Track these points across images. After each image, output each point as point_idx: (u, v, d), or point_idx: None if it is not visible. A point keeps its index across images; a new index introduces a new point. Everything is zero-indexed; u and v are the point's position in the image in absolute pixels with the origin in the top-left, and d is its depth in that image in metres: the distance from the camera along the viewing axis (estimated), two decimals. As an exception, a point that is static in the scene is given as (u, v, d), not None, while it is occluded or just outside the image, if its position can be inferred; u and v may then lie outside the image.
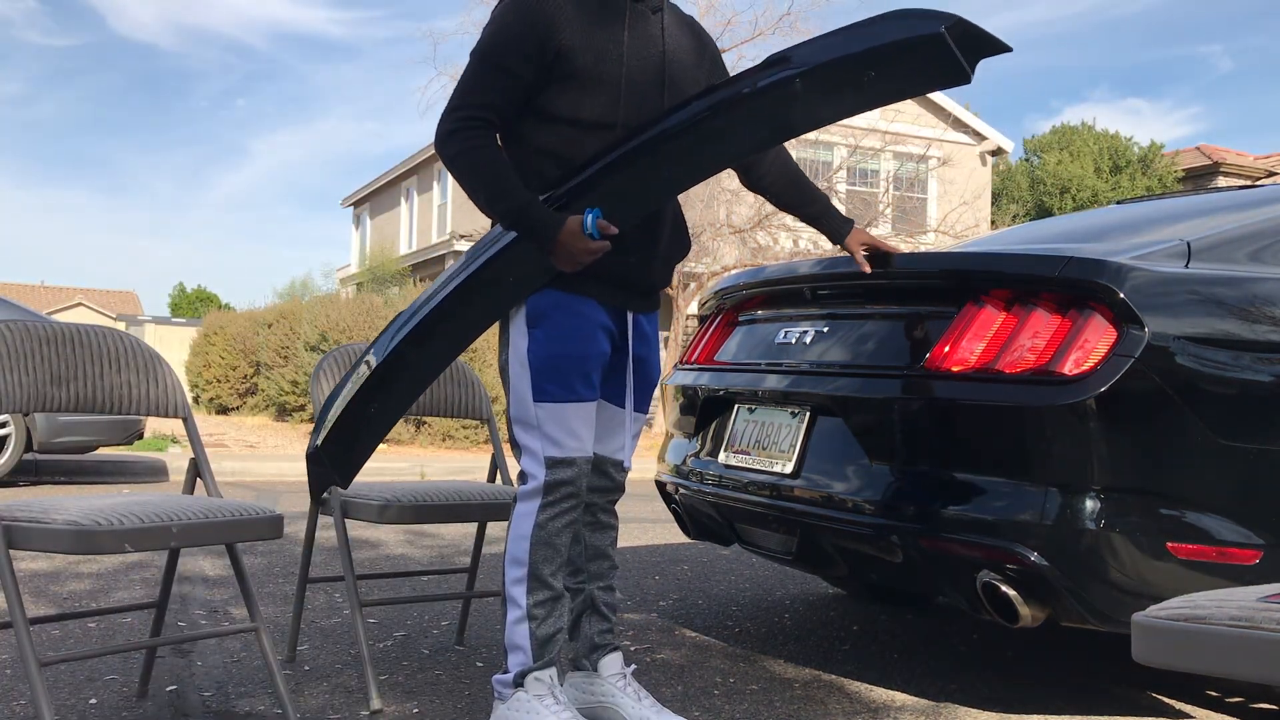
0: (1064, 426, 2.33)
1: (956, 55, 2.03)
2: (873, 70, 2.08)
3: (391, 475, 8.99)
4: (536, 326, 2.28)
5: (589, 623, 2.48)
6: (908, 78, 2.13)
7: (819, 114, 2.18)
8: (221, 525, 2.22)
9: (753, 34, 14.72)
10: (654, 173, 2.20)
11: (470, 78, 2.24)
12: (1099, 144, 27.60)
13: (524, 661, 2.29)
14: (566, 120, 2.26)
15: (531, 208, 2.16)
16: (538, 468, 2.29)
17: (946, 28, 2.02)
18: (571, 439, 2.29)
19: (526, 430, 2.30)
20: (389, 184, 26.50)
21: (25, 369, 2.40)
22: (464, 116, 2.21)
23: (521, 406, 2.30)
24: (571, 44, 2.22)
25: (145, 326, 23.70)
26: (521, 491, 2.32)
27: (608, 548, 2.49)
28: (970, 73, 2.05)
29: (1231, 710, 2.77)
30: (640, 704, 2.42)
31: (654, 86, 2.31)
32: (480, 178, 2.19)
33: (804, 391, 2.82)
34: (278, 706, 2.56)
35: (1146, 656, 1.54)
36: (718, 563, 4.87)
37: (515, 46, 2.21)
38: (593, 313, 2.30)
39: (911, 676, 3.00)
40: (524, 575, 2.29)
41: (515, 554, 2.30)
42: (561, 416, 2.28)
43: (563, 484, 2.29)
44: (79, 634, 3.22)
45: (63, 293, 47.26)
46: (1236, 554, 2.38)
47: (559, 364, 2.27)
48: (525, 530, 2.29)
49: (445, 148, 2.22)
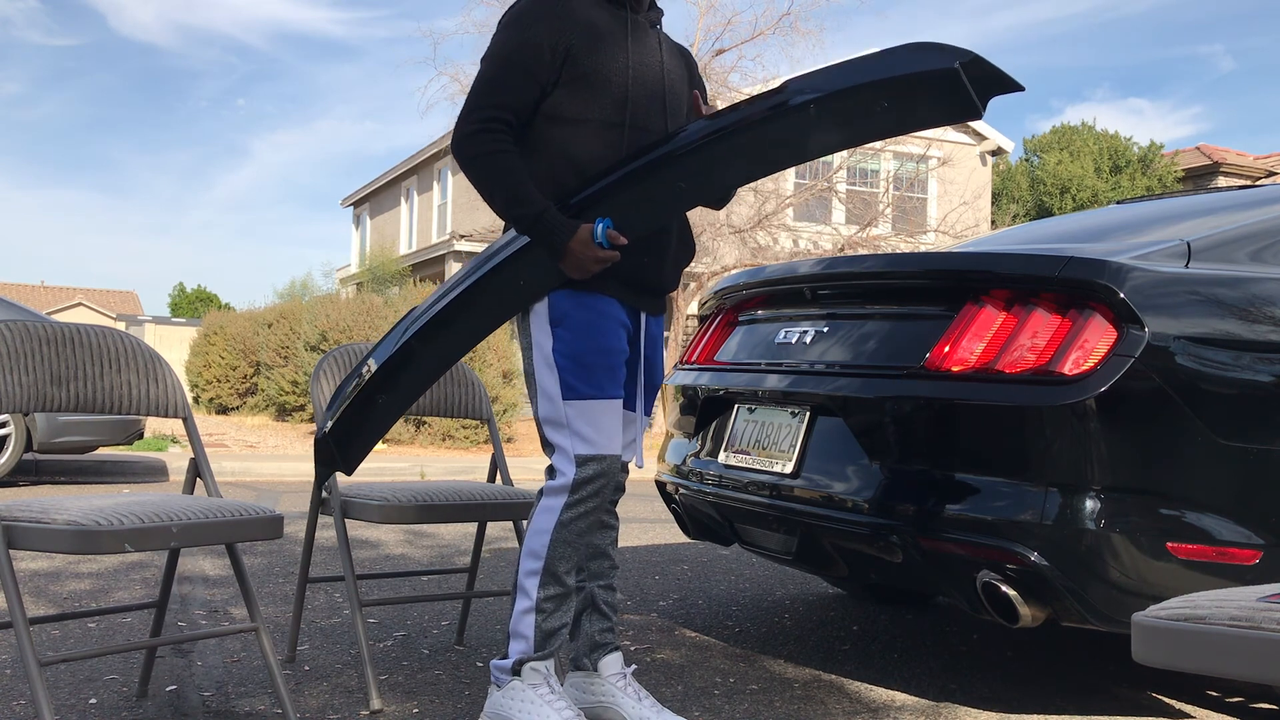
0: (1064, 426, 2.33)
1: (969, 91, 2.06)
2: (886, 100, 2.11)
3: (391, 475, 8.99)
4: (560, 325, 2.31)
5: (589, 621, 2.49)
6: (921, 110, 2.16)
7: (831, 140, 2.22)
8: (221, 525, 2.22)
9: (753, 34, 14.74)
10: (667, 188, 2.24)
11: (489, 80, 2.28)
12: (1099, 144, 27.59)
13: (525, 650, 2.31)
14: (576, 121, 2.30)
15: (546, 215, 2.21)
16: (568, 465, 2.31)
17: (962, 64, 2.04)
18: (601, 436, 2.31)
19: (557, 429, 2.32)
20: (389, 184, 26.49)
21: (25, 369, 2.40)
22: (485, 118, 2.25)
23: (551, 405, 2.32)
24: (581, 46, 2.27)
25: (145, 326, 23.70)
26: (549, 486, 2.33)
27: (608, 547, 2.51)
28: (982, 110, 2.09)
29: (1231, 710, 2.77)
30: (641, 704, 2.43)
31: (655, 92, 2.37)
32: (499, 182, 2.24)
33: (804, 391, 2.82)
34: (278, 706, 2.56)
35: (1146, 656, 1.54)
36: (718, 563, 4.86)
37: (533, 49, 2.26)
38: (613, 310, 2.34)
39: (911, 676, 3.00)
40: (539, 569, 2.31)
41: (533, 547, 2.32)
42: (591, 413, 2.30)
43: (591, 481, 2.30)
44: (79, 634, 3.21)
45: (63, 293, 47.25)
46: (1236, 554, 2.38)
47: (585, 360, 2.30)
48: (547, 525, 2.31)
49: (465, 148, 2.26)
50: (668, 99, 2.40)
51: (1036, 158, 29.02)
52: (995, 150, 21.78)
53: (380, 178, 26.72)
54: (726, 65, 14.77)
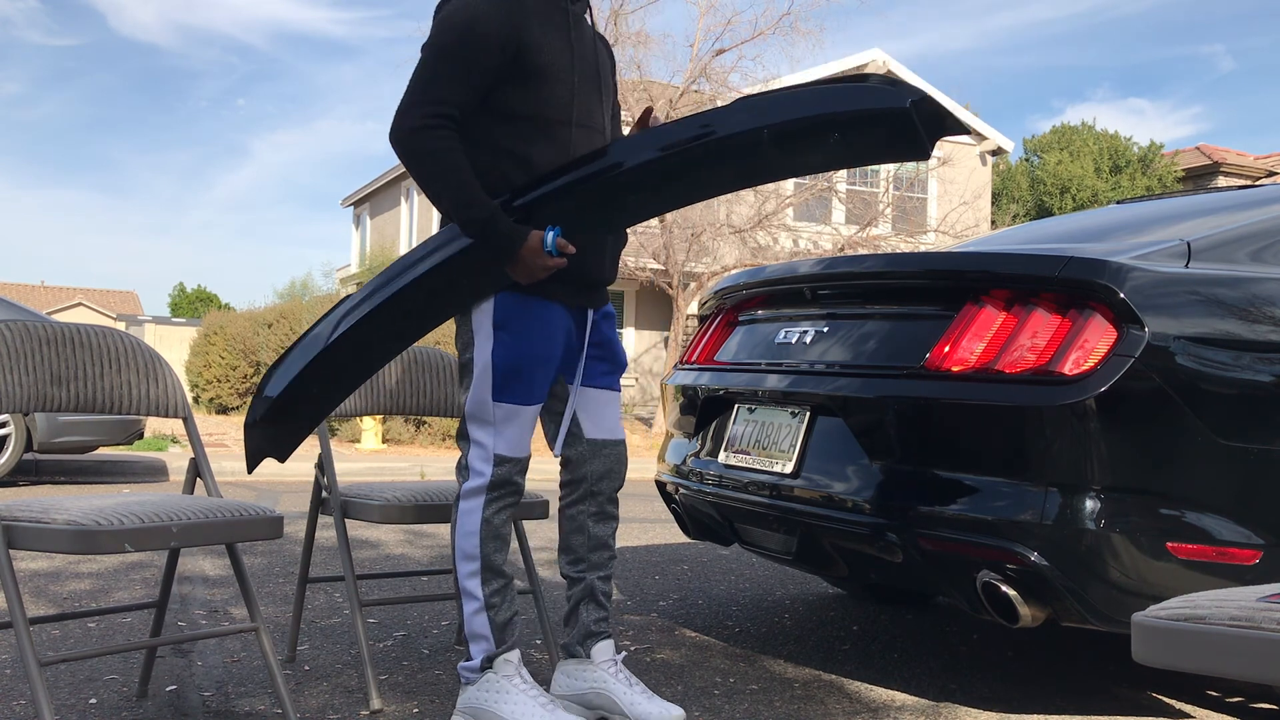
0: (1064, 426, 2.33)
1: (919, 131, 2.13)
2: (837, 133, 2.16)
3: (391, 475, 8.99)
4: (503, 329, 2.33)
5: (586, 610, 2.53)
6: (870, 146, 2.22)
7: (781, 166, 2.27)
8: (221, 525, 2.22)
9: (753, 34, 14.73)
10: (617, 202, 2.27)
11: (431, 73, 2.22)
12: (1099, 144, 27.60)
13: (488, 648, 2.37)
14: (524, 117, 2.28)
15: (496, 220, 2.19)
16: (485, 464, 2.36)
17: (913, 102, 2.11)
18: (521, 439, 2.38)
19: (481, 426, 2.37)
20: (389, 184, 26.48)
21: (25, 369, 2.40)
22: (428, 114, 2.20)
23: (480, 405, 2.36)
24: (531, 42, 2.24)
25: (145, 326, 23.68)
26: (466, 489, 2.38)
27: (609, 538, 2.56)
28: (930, 151, 2.17)
29: (1231, 710, 2.77)
30: (631, 689, 2.47)
31: (594, 84, 2.38)
32: (445, 182, 2.20)
33: (804, 391, 2.82)
34: (278, 706, 2.56)
35: (1146, 656, 1.54)
36: (718, 563, 4.86)
37: (480, 43, 2.21)
38: (556, 317, 2.38)
39: (911, 676, 3.00)
40: (478, 569, 2.36)
41: (466, 549, 2.37)
42: (517, 417, 2.36)
43: (508, 481, 2.38)
44: (79, 634, 3.21)
45: (63, 293, 47.25)
46: (1236, 554, 2.38)
47: (520, 367, 2.34)
48: (474, 526, 2.36)
49: (408, 143, 2.21)
50: (604, 92, 2.40)
51: (1036, 158, 29.02)
52: (995, 150, 21.78)
53: (380, 178, 26.71)
54: (726, 65, 14.77)
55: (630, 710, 2.43)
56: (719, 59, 14.77)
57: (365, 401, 2.99)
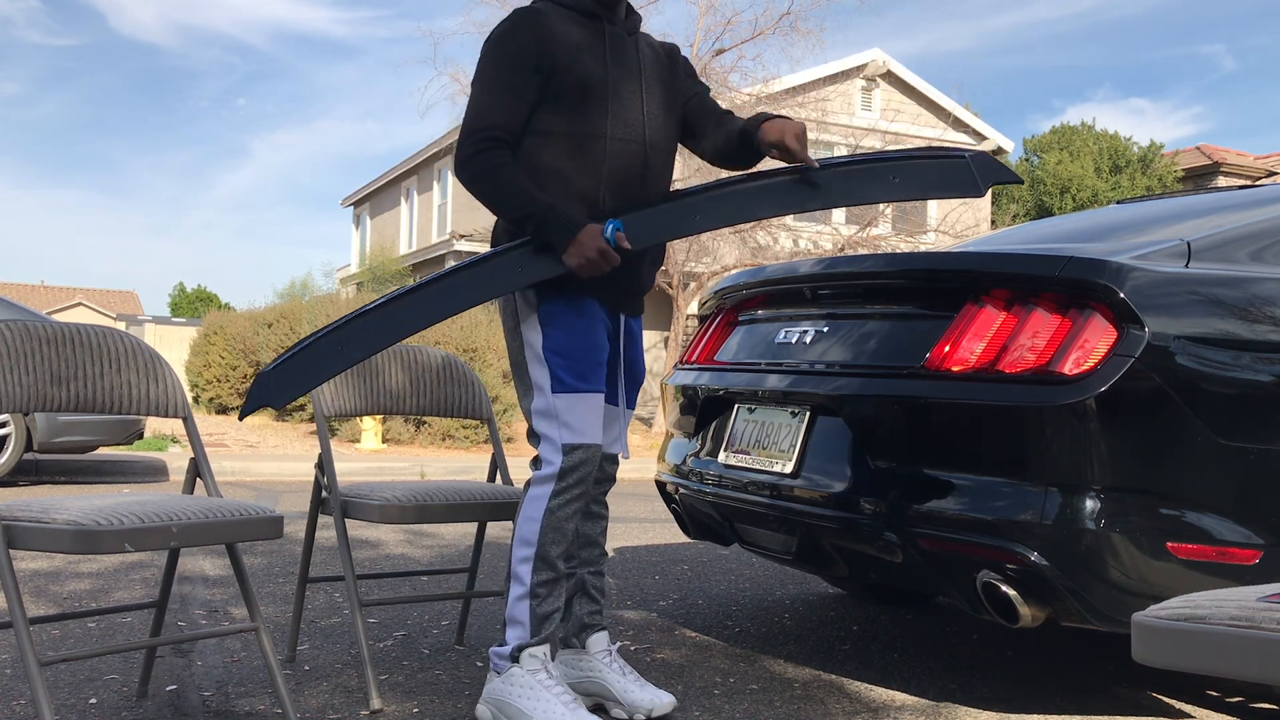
0: (1064, 426, 2.33)
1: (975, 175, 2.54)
2: (895, 175, 2.52)
3: (391, 475, 8.99)
4: (549, 324, 2.45)
5: (579, 604, 2.63)
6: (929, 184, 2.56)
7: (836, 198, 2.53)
8: (221, 525, 2.22)
9: (753, 34, 14.74)
10: (687, 215, 2.46)
11: (480, 103, 2.40)
12: (1099, 144, 27.59)
13: (522, 635, 2.42)
14: (563, 135, 2.42)
15: (555, 209, 2.33)
16: (554, 454, 2.43)
17: (970, 157, 2.54)
18: (586, 426, 2.44)
19: (545, 419, 2.45)
20: (389, 184, 26.49)
21: (25, 369, 2.40)
22: (481, 139, 2.38)
23: (541, 398, 2.45)
24: (563, 63, 2.39)
25: (145, 326, 23.67)
26: (536, 476, 2.46)
27: (598, 535, 2.65)
28: (983, 190, 2.54)
29: (1231, 710, 2.77)
30: (624, 678, 2.57)
31: (634, 100, 2.49)
32: (502, 192, 2.36)
33: (804, 391, 2.82)
34: (278, 706, 2.56)
35: (1146, 656, 1.54)
36: (718, 563, 4.87)
37: (519, 69, 2.38)
38: (596, 310, 2.48)
39: (911, 676, 3.00)
40: (531, 555, 2.42)
41: (525, 534, 2.44)
42: (577, 405, 2.43)
43: (576, 469, 2.43)
44: (79, 634, 3.22)
45: (63, 293, 47.26)
46: (1236, 554, 2.38)
47: (573, 356, 2.43)
48: (537, 513, 2.43)
49: (466, 170, 2.39)
50: (647, 106, 2.51)
51: (1036, 158, 29.01)
52: (995, 150, 21.76)
53: (380, 178, 26.72)
54: (726, 65, 14.78)
55: (623, 697, 2.53)
56: (719, 59, 14.77)
57: (365, 401, 3.00)
